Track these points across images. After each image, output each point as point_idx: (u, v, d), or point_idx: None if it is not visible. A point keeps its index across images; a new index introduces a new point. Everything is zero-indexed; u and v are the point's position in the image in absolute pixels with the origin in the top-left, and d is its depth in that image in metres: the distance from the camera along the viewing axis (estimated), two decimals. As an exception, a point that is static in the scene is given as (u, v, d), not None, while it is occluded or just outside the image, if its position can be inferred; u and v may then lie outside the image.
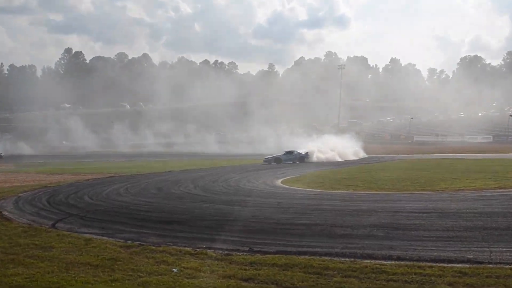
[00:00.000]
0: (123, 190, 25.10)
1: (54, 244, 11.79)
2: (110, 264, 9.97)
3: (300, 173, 35.17)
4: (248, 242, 11.51)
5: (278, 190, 23.92)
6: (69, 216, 16.57)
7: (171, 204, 19.29)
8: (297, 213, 15.63)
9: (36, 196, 23.18)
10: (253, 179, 30.17)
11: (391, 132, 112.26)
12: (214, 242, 11.66)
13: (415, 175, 29.34)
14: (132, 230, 13.52)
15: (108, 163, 55.44)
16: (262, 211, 16.30)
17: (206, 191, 23.92)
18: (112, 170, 41.01)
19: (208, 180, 30.40)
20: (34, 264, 10.09)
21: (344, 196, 20.33)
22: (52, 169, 45.20)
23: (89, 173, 38.23)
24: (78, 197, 22.16)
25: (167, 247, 11.28)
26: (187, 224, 14.31)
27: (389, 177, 28.49)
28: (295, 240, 11.54)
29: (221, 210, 16.91)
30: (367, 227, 12.66)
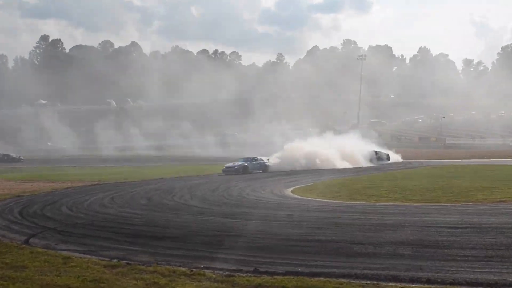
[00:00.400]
0: (108, 200, 25.14)
1: (27, 263, 11.79)
2: (93, 287, 9.95)
3: (314, 180, 35.15)
4: (253, 261, 11.48)
5: (288, 201, 23.90)
6: (45, 230, 16.58)
7: (164, 217, 19.30)
8: (310, 228, 15.59)
9: (6, 207, 23.21)
10: (258, 188, 30.18)
11: (420, 134, 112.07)
12: (213, 261, 11.64)
13: (447, 183, 29.25)
14: (118, 247, 13.51)
15: (90, 169, 55.55)
16: (270, 225, 16.28)
17: (205, 202, 23.93)
18: (94, 177, 41.08)
19: (207, 188, 30.44)
20: (4, 286, 10.08)
21: (365, 208, 20.28)
22: (25, 176, 45.31)
23: (68, 180, 38.32)
24: (56, 209, 22.20)
25: (158, 266, 11.25)
26: (182, 240, 14.30)
27: (417, 186, 28.41)
28: (308, 259, 11.49)
29: (221, 224, 16.91)
30: (392, 244, 12.60)
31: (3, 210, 22.11)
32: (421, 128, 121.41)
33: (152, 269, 11.03)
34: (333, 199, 24.10)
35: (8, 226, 17.62)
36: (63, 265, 11.61)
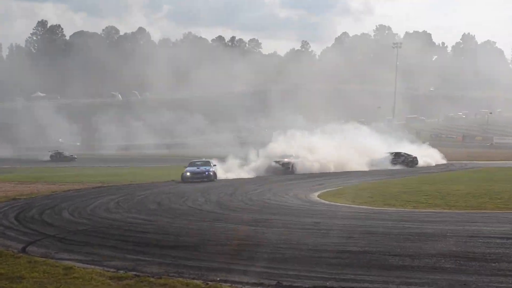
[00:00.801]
0: (113, 205, 25.35)
1: (24, 274, 11.89)
2: (97, 301, 10.05)
3: (343, 184, 35.08)
4: (275, 274, 11.47)
5: (315, 207, 23.89)
6: (44, 237, 16.74)
7: (176, 223, 19.42)
8: (340, 237, 15.55)
9: (1, 211, 23.52)
10: (281, 192, 30.20)
11: (463, 132, 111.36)
12: (231, 273, 11.66)
13: (495, 188, 29.03)
14: (126, 257, 13.59)
15: (93, 169, 55.98)
16: (294, 234, 16.28)
17: (221, 207, 24.03)
18: (98, 179, 41.44)
19: (223, 192, 30.54)
20: (-1, 299, 10.23)
21: (401, 215, 20.20)
22: (22, 177, 45.81)
23: (69, 182, 38.69)
24: (56, 213, 22.43)
25: (170, 279, 11.30)
26: (196, 250, 14.37)
27: (461, 191, 28.23)
28: (338, 273, 11.46)
29: (240, 232, 16.94)
30: (433, 256, 12.53)
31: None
32: (465, 125, 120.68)
33: (162, 282, 11.07)
34: (365, 204, 24.04)
35: (3, 233, 17.80)
36: (64, 276, 11.68)
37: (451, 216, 19.69)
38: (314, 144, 51.08)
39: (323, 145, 50.95)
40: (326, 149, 50.33)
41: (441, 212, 20.87)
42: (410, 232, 16.00)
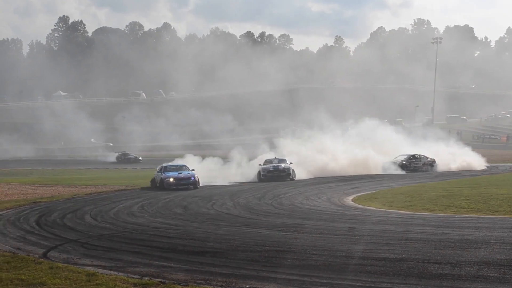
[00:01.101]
0: (138, 209, 25.57)
1: (45, 280, 12.05)
2: (121, 308, 10.14)
3: (379, 187, 34.93)
4: (308, 281, 11.48)
5: (349, 211, 23.85)
6: (65, 242, 16.95)
7: (203, 228, 19.53)
8: (376, 244, 15.50)
9: (21, 215, 23.86)
10: (313, 195, 30.19)
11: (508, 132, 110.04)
12: (261, 281, 11.69)
13: (542, 192, 28.68)
14: (151, 263, 13.69)
15: (117, 171, 56.41)
16: (327, 240, 16.27)
17: (250, 211, 24.09)
18: (121, 181, 41.77)
19: (252, 195, 30.62)
20: (20, 306, 10.37)
21: (441, 221, 20.05)
22: (43, 179, 46.37)
23: (91, 185, 39.08)
24: (78, 217, 22.69)
25: (197, 286, 11.37)
26: (224, 256, 14.40)
27: (505, 195, 27.92)
28: (373, 281, 11.42)
29: (270, 238, 16.96)
30: (475, 264, 12.44)
31: (17, 218, 22.71)
32: (509, 125, 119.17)
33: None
34: (402, 209, 23.92)
35: (23, 237, 18.07)
36: (87, 282, 11.81)
37: (495, 222, 19.50)
38: (327, 145, 50.74)
39: (335, 146, 50.83)
40: (338, 150, 50.20)
41: (484, 218, 20.66)
42: (450, 238, 15.88)
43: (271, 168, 43.28)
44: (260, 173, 43.34)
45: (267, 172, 42.98)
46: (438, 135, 64.81)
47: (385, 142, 53.70)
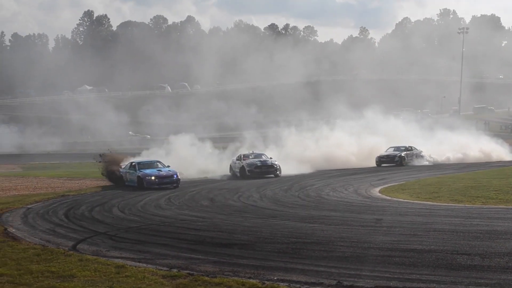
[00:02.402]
0: (165, 201, 25.73)
1: (75, 272, 12.23)
2: (150, 300, 10.23)
3: (406, 178, 34.77)
4: (335, 273, 11.52)
5: (376, 203, 23.78)
6: (94, 235, 17.15)
7: (230, 220, 19.63)
8: (404, 235, 15.47)
9: (50, 208, 24.15)
10: (340, 187, 30.13)
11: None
12: (288, 272, 11.73)
13: None
14: (179, 255, 13.82)
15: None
16: (354, 231, 16.25)
17: (277, 203, 24.13)
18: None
19: (278, 187, 30.65)
20: (50, 298, 10.51)
21: (469, 212, 19.94)
22: (70, 173, 46.74)
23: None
24: (106, 210, 22.91)
25: (225, 278, 11.45)
26: (252, 248, 14.48)
27: (534, 185, 27.69)
28: (402, 272, 11.42)
29: (297, 230, 16.99)
30: (504, 255, 12.37)
31: (46, 211, 22.98)
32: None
33: (217, 281, 11.23)
34: (430, 200, 23.80)
35: (53, 230, 18.30)
36: (116, 274, 11.96)
37: (524, 212, 19.35)
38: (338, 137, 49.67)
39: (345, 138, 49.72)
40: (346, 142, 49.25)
41: (513, 208, 20.53)
42: (479, 229, 15.80)
43: (258, 163, 39.77)
44: (244, 168, 39.52)
45: (254, 168, 39.38)
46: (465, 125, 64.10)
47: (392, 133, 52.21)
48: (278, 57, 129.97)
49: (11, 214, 22.42)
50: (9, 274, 12.21)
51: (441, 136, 54.90)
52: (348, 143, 49.41)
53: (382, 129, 52.48)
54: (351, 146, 48.98)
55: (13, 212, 23.03)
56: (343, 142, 49.23)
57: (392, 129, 53.76)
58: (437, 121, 69.74)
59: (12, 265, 13.14)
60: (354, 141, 49.86)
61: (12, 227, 19.18)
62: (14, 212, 23.19)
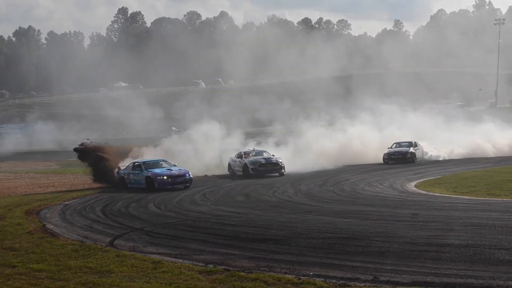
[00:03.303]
0: (200, 197, 25.85)
1: (113, 268, 12.39)
2: (187, 295, 10.30)
3: (442, 172, 34.48)
4: (371, 268, 11.50)
5: (412, 197, 23.62)
6: (131, 230, 17.32)
7: (265, 215, 19.65)
8: (440, 230, 15.34)
9: (87, 204, 24.46)
10: (375, 182, 29.99)
11: None
12: (324, 267, 11.74)
13: None
14: (215, 251, 13.90)
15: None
16: (390, 226, 16.17)
17: (312, 198, 24.11)
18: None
19: (313, 182, 30.60)
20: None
21: (507, 206, 19.71)
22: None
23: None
24: (142, 206, 23.11)
25: (261, 273, 11.50)
26: (287, 244, 14.49)
27: None
28: (439, 267, 11.35)
29: (333, 225, 16.95)
30: (544, 250, 12.23)
31: (84, 208, 23.27)
32: None
33: (253, 276, 11.27)
34: (467, 194, 23.56)
35: (90, 226, 18.53)
36: (153, 270, 12.08)
37: None
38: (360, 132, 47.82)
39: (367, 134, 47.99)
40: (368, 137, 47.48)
41: (552, 202, 20.26)
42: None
43: (262, 161, 37.62)
44: (247, 166, 37.35)
45: (258, 166, 37.26)
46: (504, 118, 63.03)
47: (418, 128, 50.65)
48: (310, 52, 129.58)
49: (49, 211, 22.77)
50: (48, 270, 12.42)
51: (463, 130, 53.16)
52: (370, 137, 47.97)
53: (406, 123, 51.53)
54: (371, 142, 47.40)
55: (51, 209, 23.38)
56: (366, 137, 47.88)
57: (415, 123, 52.73)
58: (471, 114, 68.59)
59: (51, 260, 13.35)
60: (376, 136, 48.41)
61: (51, 223, 19.47)
62: (52, 208, 23.54)
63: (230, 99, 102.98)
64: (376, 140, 46.93)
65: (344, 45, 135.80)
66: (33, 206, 24.07)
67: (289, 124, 62.82)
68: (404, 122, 52.05)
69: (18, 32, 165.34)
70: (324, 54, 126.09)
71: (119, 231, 17.32)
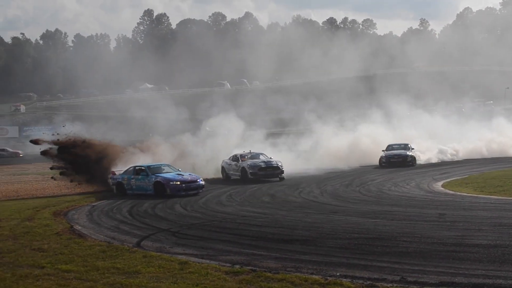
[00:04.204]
0: (226, 198, 25.91)
1: (140, 268, 12.45)
2: (214, 296, 10.33)
3: (469, 172, 34.24)
4: (399, 268, 11.46)
5: (439, 197, 23.49)
6: (157, 231, 17.39)
7: (291, 216, 19.63)
8: (468, 230, 15.24)
9: (114, 205, 24.62)
10: (401, 182, 29.87)
11: None
12: (351, 268, 11.72)
13: None
14: (241, 251, 13.92)
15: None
16: (417, 227, 16.09)
17: (338, 199, 24.07)
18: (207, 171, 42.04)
19: (339, 183, 30.54)
20: (116, 293, 10.71)
21: (536, 206, 19.54)
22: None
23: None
24: (168, 207, 23.20)
25: (288, 274, 11.49)
26: (313, 244, 14.48)
27: None
28: (467, 268, 11.28)
29: (359, 225, 16.91)
30: None
31: (111, 209, 23.44)
32: None
33: (280, 277, 11.27)
34: (495, 194, 23.38)
35: (117, 227, 18.64)
36: (180, 271, 12.12)
37: None
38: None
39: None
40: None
41: None
42: (547, 223, 15.49)
43: (262, 165, 34.89)
44: (246, 170, 34.87)
45: (258, 170, 34.66)
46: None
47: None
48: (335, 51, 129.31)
49: (77, 212, 22.95)
50: (76, 271, 12.52)
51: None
52: (382, 137, 46.47)
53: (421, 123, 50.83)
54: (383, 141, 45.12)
55: (79, 210, 23.58)
56: (377, 136, 46.60)
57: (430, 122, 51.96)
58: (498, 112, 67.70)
59: (78, 261, 13.45)
60: (388, 136, 47.01)
61: (78, 224, 19.62)
62: (80, 209, 23.74)
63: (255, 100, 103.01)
64: (389, 140, 45.39)
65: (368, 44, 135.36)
66: (61, 208, 24.29)
67: (310, 124, 62.26)
68: (418, 121, 51.43)
69: (45, 35, 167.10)
70: (349, 54, 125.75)
71: (146, 232, 17.40)
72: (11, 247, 15.65)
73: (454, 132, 50.13)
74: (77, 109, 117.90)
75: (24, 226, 19.21)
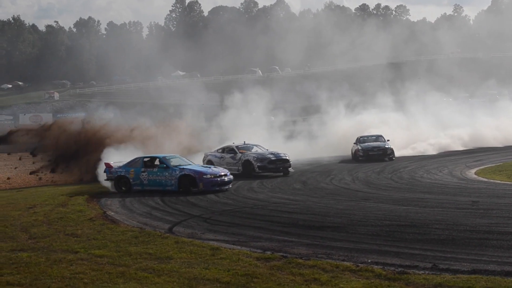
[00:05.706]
0: (257, 185, 25.90)
1: (172, 254, 12.54)
2: (245, 282, 10.37)
3: (503, 159, 33.84)
4: (431, 256, 11.40)
5: (472, 185, 23.28)
6: (189, 217, 17.48)
7: (322, 203, 19.60)
8: (502, 217, 15.10)
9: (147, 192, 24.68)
10: (433, 169, 29.63)
11: None
12: (382, 255, 11.68)
13: None
14: (272, 238, 13.95)
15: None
16: (450, 214, 15.97)
17: (369, 186, 23.98)
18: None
19: (370, 170, 30.38)
20: (148, 279, 10.80)
21: None
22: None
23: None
24: (200, 194, 23.22)
25: (319, 260, 11.50)
26: (345, 231, 14.45)
27: None
28: (500, 255, 11.19)
29: (391, 212, 16.83)
30: None
31: (143, 195, 23.55)
32: None
33: (311, 263, 11.27)
34: (529, 182, 23.13)
35: (149, 213, 18.78)
36: (211, 256, 12.18)
37: None
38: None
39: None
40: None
41: None
42: None
43: (272, 157, 30.42)
44: (251, 164, 30.30)
45: (267, 163, 30.24)
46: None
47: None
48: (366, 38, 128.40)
49: (110, 198, 23.13)
50: (109, 256, 12.64)
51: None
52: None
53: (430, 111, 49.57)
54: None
55: (111, 196, 23.76)
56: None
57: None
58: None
59: (111, 247, 13.58)
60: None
61: (111, 210, 19.79)
62: (112, 196, 23.91)
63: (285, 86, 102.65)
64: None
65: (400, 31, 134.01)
66: (94, 194, 24.54)
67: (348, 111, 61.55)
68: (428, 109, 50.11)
69: (78, 23, 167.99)
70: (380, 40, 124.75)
71: (178, 218, 17.50)
72: (45, 232, 15.85)
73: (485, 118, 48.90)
74: (111, 96, 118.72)
75: (58, 212, 19.44)
